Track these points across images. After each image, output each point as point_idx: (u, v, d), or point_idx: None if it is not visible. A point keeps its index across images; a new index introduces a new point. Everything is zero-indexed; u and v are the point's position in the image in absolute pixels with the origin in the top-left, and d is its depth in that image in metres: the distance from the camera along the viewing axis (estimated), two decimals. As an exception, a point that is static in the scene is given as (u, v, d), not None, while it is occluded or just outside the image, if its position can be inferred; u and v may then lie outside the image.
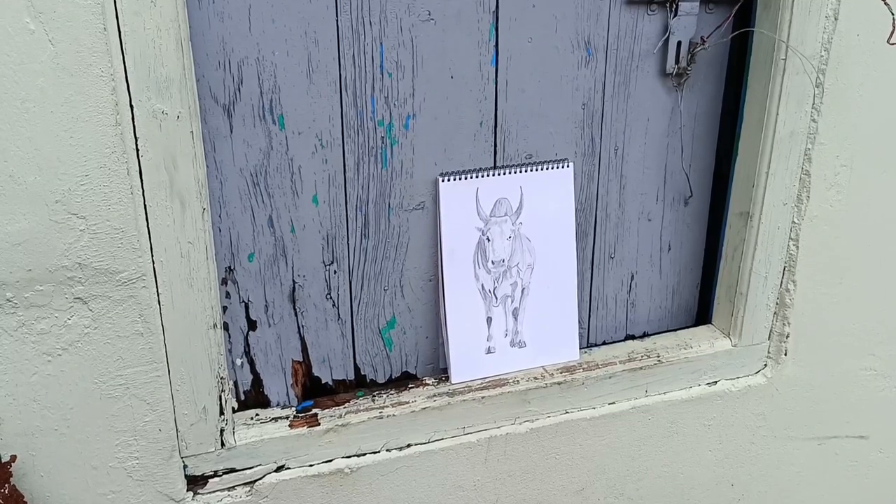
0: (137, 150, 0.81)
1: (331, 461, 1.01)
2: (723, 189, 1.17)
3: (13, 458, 0.86)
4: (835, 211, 1.15)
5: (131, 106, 0.80)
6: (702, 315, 1.26)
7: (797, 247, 1.15)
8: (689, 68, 1.08)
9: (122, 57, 0.78)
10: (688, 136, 1.13)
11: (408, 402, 1.04)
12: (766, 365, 1.23)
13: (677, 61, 1.07)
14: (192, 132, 0.83)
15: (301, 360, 1.04)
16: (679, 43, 1.06)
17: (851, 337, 1.26)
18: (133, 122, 0.80)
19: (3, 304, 0.81)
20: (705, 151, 1.16)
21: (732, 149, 1.14)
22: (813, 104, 1.08)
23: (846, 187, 1.15)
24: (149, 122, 0.80)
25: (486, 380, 1.09)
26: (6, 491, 0.85)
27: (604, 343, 1.21)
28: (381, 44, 0.93)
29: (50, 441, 0.88)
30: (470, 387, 1.07)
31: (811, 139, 1.10)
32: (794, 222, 1.14)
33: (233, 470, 0.97)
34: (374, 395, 1.06)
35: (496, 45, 0.98)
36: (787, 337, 1.20)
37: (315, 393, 1.06)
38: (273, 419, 1.01)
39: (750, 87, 1.10)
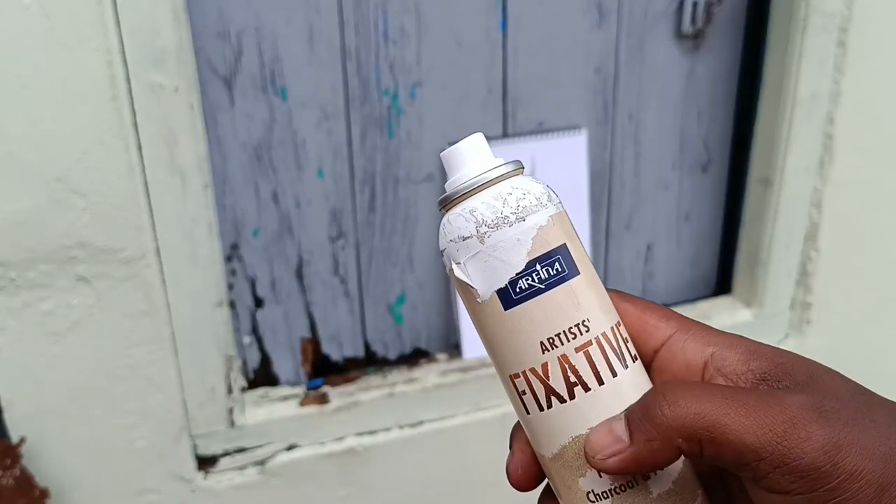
0: (136, 124, 0.79)
1: (342, 440, 1.00)
2: (742, 155, 1.14)
3: (23, 439, 0.85)
4: (859, 175, 1.11)
5: (128, 79, 0.77)
6: (722, 285, 1.23)
7: (819, 213, 1.12)
8: (706, 29, 1.04)
9: (117, 29, 0.76)
10: (705, 100, 1.10)
11: (419, 379, 1.03)
12: (787, 335, 1.20)
13: (693, 22, 1.03)
14: (191, 105, 0.81)
15: (310, 337, 1.03)
16: (695, 2, 1.02)
17: (876, 305, 1.22)
18: (130, 95, 0.78)
19: (6, 286, 0.80)
20: (723, 116, 1.12)
21: (752, 112, 1.10)
22: (835, 64, 1.04)
23: (870, 150, 1.11)
24: (146, 95, 0.78)
25: (500, 355, 1.07)
26: (17, 472, 0.85)
27: (620, 316, 1.18)
28: (385, 10, 0.90)
29: (59, 423, 0.87)
30: (483, 362, 1.06)
31: (833, 101, 1.06)
32: (816, 188, 1.11)
33: (243, 449, 0.96)
34: (385, 373, 1.04)
35: (504, 9, 0.95)
36: (810, 306, 1.17)
37: (325, 371, 1.05)
38: (283, 398, 1.00)
39: (769, 47, 1.06)
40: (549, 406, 0.34)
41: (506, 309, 0.34)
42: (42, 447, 0.87)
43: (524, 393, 0.35)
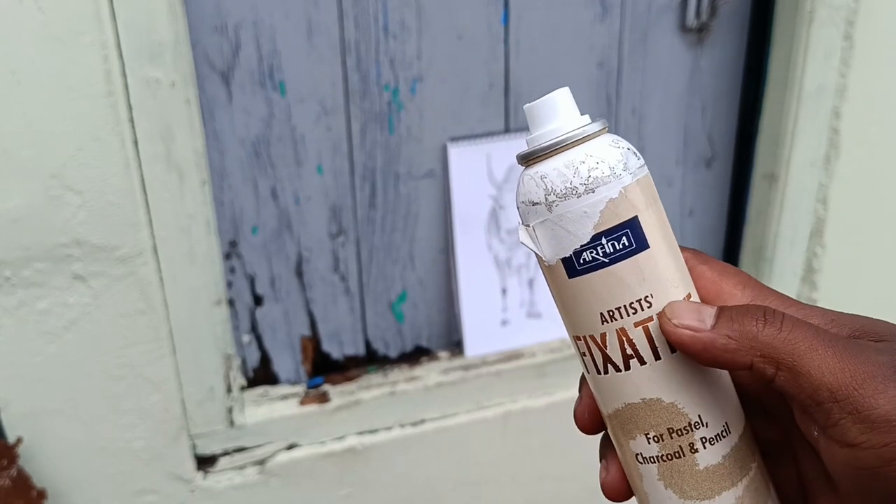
0: (132, 120, 0.78)
1: (343, 439, 0.99)
2: (747, 150, 1.12)
3: (19, 440, 0.84)
4: (865, 170, 1.10)
5: (124, 74, 0.76)
6: (725, 282, 1.22)
7: (825, 209, 1.11)
8: (710, 23, 1.02)
9: (113, 23, 0.74)
10: (709, 94, 1.08)
11: (421, 377, 1.02)
12: (792, 332, 1.19)
13: (698, 15, 1.01)
14: (188, 100, 0.79)
15: (310, 335, 1.01)
16: (699, -5, 1.01)
17: (883, 301, 1.21)
18: (126, 91, 0.77)
19: (1, 284, 0.79)
20: (728, 111, 1.11)
21: (757, 107, 1.09)
22: (841, 58, 1.03)
23: (877, 145, 1.09)
24: (142, 90, 0.77)
25: (502, 352, 1.06)
26: (13, 473, 0.84)
27: (623, 313, 1.17)
28: (385, 3, 0.89)
29: (56, 422, 0.86)
30: (485, 360, 1.04)
31: (840, 95, 1.04)
32: (821, 183, 1.09)
33: (243, 449, 0.95)
34: (385, 371, 1.03)
35: (506, 3, 0.94)
36: (816, 303, 1.16)
37: (325, 369, 1.04)
38: (282, 397, 0.99)
39: (774, 41, 1.04)
40: (606, 372, 0.35)
41: (570, 277, 0.34)
42: (39, 447, 0.86)
43: (584, 354, 0.36)
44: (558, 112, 0.36)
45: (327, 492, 1.00)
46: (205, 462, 0.94)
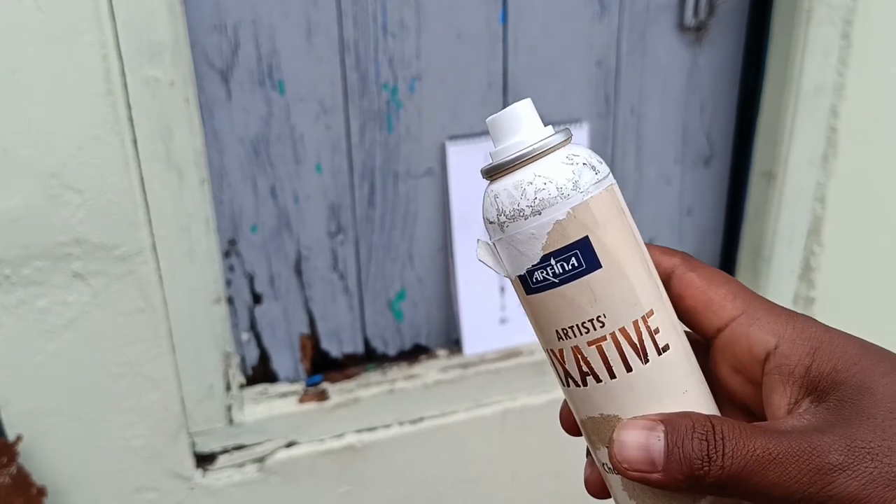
0: (131, 119, 0.78)
1: (342, 436, 0.99)
2: (745, 148, 1.12)
3: (19, 437, 0.85)
4: (863, 169, 1.10)
5: (123, 73, 0.76)
6: (723, 280, 1.22)
7: (823, 207, 1.11)
8: (709, 21, 1.03)
9: (112, 22, 0.74)
10: (707, 93, 1.08)
11: (419, 375, 1.02)
12: (790, 331, 1.19)
13: (696, 14, 1.02)
14: (187, 99, 0.80)
15: (309, 333, 1.02)
16: (697, -6, 1.01)
17: (880, 300, 1.21)
18: (126, 90, 0.77)
19: (1, 283, 0.79)
20: (726, 109, 1.11)
21: (755, 106, 1.09)
22: (839, 57, 1.03)
23: (875, 144, 1.10)
24: (142, 90, 0.77)
25: (501, 350, 1.06)
26: (13, 471, 0.84)
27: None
28: (384, 2, 0.89)
29: (56, 421, 0.86)
30: (484, 358, 1.05)
31: (838, 93, 1.05)
32: (819, 182, 1.10)
33: (242, 447, 0.96)
34: (384, 369, 1.03)
35: (504, 2, 0.94)
36: (813, 301, 1.16)
37: (324, 367, 1.04)
38: (282, 395, 0.99)
39: (773, 39, 1.04)
40: (568, 385, 0.35)
41: (527, 294, 0.35)
42: (39, 445, 0.86)
43: (551, 365, 0.36)
44: (518, 126, 0.35)
45: (326, 489, 1.01)
46: (204, 460, 0.95)
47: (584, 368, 0.34)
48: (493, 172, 0.35)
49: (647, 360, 0.34)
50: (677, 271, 0.36)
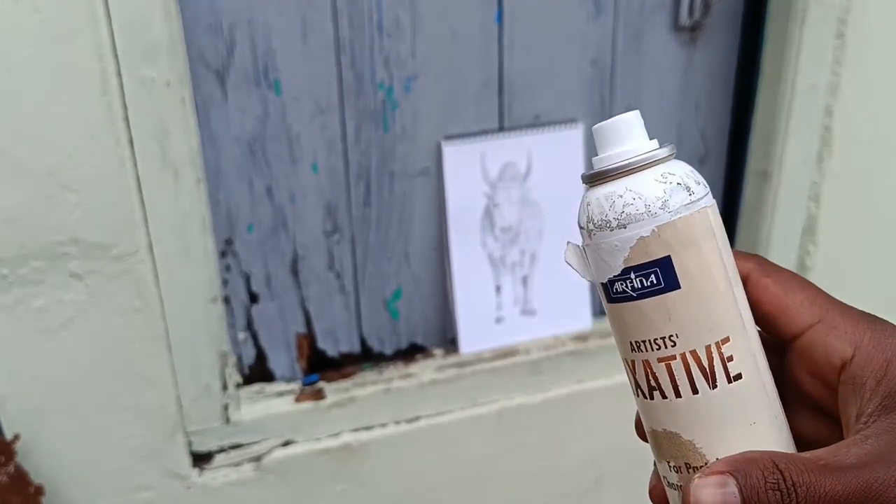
0: (127, 119, 0.78)
1: (338, 435, 1.00)
2: (740, 147, 1.13)
3: (17, 436, 0.85)
4: (857, 168, 1.11)
5: (119, 74, 0.77)
6: (719, 279, 1.22)
7: (818, 206, 1.11)
8: (704, 21, 1.03)
9: (108, 22, 0.75)
10: (702, 92, 1.09)
11: (416, 374, 1.02)
12: (785, 329, 1.20)
13: (691, 13, 1.02)
14: (183, 99, 0.80)
15: (305, 333, 1.02)
16: (692, -6, 1.01)
17: (875, 300, 1.22)
18: (122, 90, 0.77)
19: (-2, 282, 0.80)
20: (721, 108, 1.11)
21: (749, 105, 1.09)
22: (834, 56, 1.03)
23: (869, 143, 1.10)
24: (138, 90, 0.78)
25: (497, 349, 1.06)
26: (11, 469, 0.84)
27: (617, 310, 1.17)
28: (380, 2, 0.89)
29: (53, 419, 0.87)
30: (480, 357, 1.05)
31: (832, 93, 1.05)
32: (814, 181, 1.10)
33: (239, 446, 0.96)
34: (380, 368, 1.04)
35: (499, 1, 0.94)
36: (808, 300, 1.17)
37: (321, 366, 1.04)
38: (278, 394, 0.99)
39: (767, 39, 1.05)
40: (638, 396, 0.36)
41: (608, 302, 0.36)
42: (36, 444, 0.87)
43: (627, 373, 0.37)
44: (622, 137, 0.35)
45: (322, 488, 1.01)
46: (201, 459, 0.95)
47: (653, 383, 0.34)
48: (590, 180, 0.35)
49: (715, 386, 0.33)
50: (752, 276, 0.36)
